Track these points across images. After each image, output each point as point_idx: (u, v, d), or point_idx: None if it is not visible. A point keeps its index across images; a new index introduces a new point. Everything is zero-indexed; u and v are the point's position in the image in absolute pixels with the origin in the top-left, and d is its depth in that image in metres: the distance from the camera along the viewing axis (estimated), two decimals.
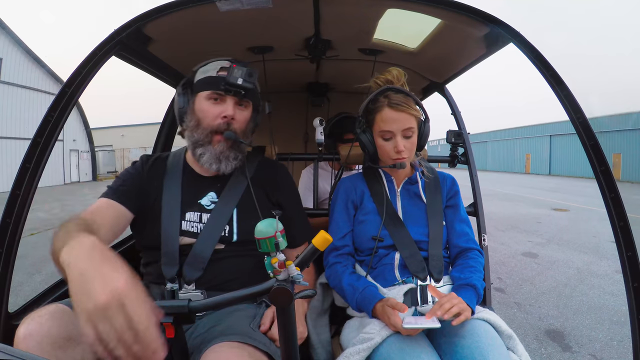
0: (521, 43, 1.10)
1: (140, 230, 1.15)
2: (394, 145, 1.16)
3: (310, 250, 0.73)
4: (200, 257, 1.07)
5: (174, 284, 1.06)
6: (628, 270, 0.99)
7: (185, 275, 1.06)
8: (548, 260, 4.92)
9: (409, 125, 1.16)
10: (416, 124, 1.19)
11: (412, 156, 1.23)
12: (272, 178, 1.25)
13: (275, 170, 1.29)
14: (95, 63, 1.11)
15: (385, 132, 1.18)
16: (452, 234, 1.25)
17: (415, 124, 1.18)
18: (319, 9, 1.27)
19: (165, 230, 1.09)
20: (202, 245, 1.08)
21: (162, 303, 0.78)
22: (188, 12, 1.15)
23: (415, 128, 1.18)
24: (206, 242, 1.09)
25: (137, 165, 1.20)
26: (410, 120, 1.16)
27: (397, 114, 1.15)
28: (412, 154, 1.21)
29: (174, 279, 1.06)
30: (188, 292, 1.06)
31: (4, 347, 0.45)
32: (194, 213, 1.12)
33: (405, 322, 0.94)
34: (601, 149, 1.03)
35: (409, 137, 1.17)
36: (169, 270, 1.06)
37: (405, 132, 1.16)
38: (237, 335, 0.88)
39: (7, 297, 0.99)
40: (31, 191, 1.03)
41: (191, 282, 1.06)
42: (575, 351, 2.60)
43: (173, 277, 1.06)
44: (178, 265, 1.06)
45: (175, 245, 1.08)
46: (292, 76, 2.21)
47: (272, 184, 1.23)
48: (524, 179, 22.96)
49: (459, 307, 0.97)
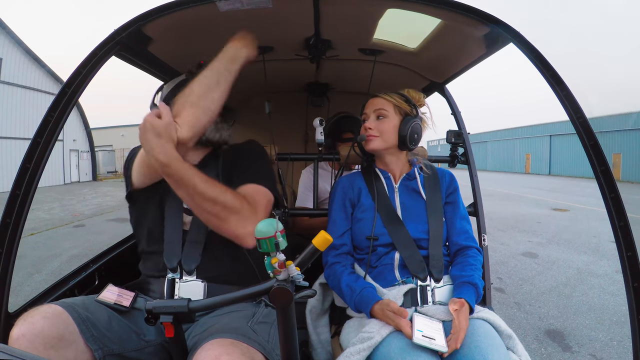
0: (521, 43, 1.10)
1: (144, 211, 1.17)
2: (365, 124, 1.29)
3: (311, 251, 0.73)
4: (195, 243, 1.11)
5: (175, 273, 1.09)
6: (628, 270, 0.99)
7: (185, 265, 1.09)
8: (548, 260, 4.92)
9: (381, 106, 1.27)
10: (394, 112, 1.27)
11: (386, 142, 1.26)
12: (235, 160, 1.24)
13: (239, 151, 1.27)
14: (95, 63, 1.11)
15: (363, 114, 1.32)
16: (451, 231, 1.25)
17: (392, 109, 1.27)
18: (319, 9, 1.27)
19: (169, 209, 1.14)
20: (195, 232, 1.12)
21: (162, 303, 0.78)
22: (188, 12, 1.15)
23: (389, 112, 1.26)
24: (198, 225, 1.12)
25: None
26: (385, 104, 1.27)
27: (375, 99, 1.30)
28: (384, 135, 1.25)
29: (175, 269, 1.09)
30: (188, 282, 1.08)
31: (4, 347, 0.45)
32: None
33: (415, 338, 0.93)
34: (601, 149, 1.03)
35: (380, 118, 1.27)
36: (171, 260, 1.09)
37: (378, 112, 1.27)
38: (231, 333, 0.88)
39: (7, 297, 0.99)
40: (31, 191, 1.03)
41: (192, 272, 1.09)
42: (575, 351, 2.60)
43: (174, 267, 1.09)
44: (180, 255, 1.10)
45: (178, 227, 1.12)
46: (292, 76, 2.21)
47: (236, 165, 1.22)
48: (524, 179, 22.96)
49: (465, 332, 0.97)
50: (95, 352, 0.87)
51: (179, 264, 1.09)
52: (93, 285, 1.41)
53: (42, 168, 1.05)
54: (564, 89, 1.06)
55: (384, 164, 1.32)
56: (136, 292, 1.07)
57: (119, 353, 0.92)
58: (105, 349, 0.89)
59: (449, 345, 0.93)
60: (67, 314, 0.85)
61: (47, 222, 7.93)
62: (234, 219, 0.98)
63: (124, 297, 1.02)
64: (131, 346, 0.95)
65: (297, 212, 1.82)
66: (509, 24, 1.11)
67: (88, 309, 0.92)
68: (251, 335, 0.92)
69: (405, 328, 0.97)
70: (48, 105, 1.06)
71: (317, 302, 1.31)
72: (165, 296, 1.08)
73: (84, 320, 0.87)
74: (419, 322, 1.00)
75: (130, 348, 0.95)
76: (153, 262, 1.13)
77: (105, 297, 0.99)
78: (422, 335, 0.94)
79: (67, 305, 0.88)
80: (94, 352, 0.87)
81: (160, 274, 1.11)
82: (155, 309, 0.78)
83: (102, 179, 23.56)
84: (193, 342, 0.96)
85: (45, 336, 0.79)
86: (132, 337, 0.97)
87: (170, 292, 1.08)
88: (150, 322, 0.79)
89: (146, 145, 0.96)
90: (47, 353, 0.78)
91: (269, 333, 1.00)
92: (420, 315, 1.05)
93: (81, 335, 0.85)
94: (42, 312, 0.83)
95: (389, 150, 1.29)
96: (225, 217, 0.98)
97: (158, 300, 0.81)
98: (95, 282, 1.43)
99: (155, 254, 1.13)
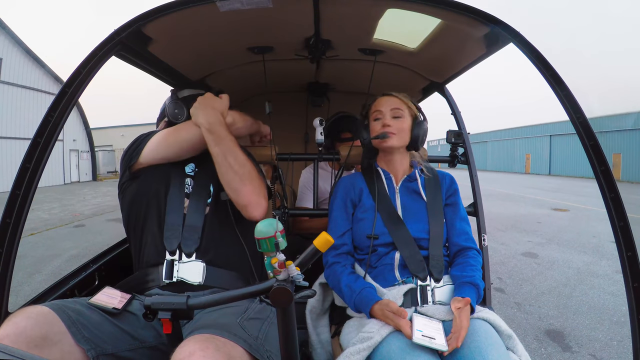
0: (521, 43, 1.10)
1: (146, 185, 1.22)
2: (382, 121, 1.28)
3: (311, 251, 0.73)
4: (194, 227, 1.16)
5: (173, 256, 1.12)
6: (628, 270, 0.99)
7: (185, 248, 1.13)
8: (548, 260, 4.92)
9: (398, 106, 1.28)
10: (408, 113, 1.29)
11: (401, 140, 1.27)
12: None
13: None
14: (95, 63, 1.11)
15: (376, 112, 1.31)
16: (452, 232, 1.25)
17: (406, 110, 1.29)
18: (319, 9, 1.27)
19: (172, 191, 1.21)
20: (194, 216, 1.19)
21: (161, 299, 0.78)
22: (188, 12, 1.15)
23: (404, 112, 1.28)
24: (196, 210, 1.19)
25: None
26: (400, 103, 1.28)
27: (388, 97, 1.31)
28: (400, 134, 1.27)
29: (174, 252, 1.12)
30: (187, 262, 1.12)
31: (4, 347, 0.45)
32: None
33: (415, 338, 0.93)
34: (601, 149, 1.03)
35: (397, 117, 1.27)
36: (171, 242, 1.13)
37: (394, 111, 1.28)
38: (213, 329, 0.89)
39: (7, 297, 0.99)
40: (31, 191, 1.03)
41: (190, 255, 1.13)
42: (575, 351, 2.60)
43: (174, 250, 1.13)
44: (180, 238, 1.14)
45: (180, 210, 1.18)
46: (292, 76, 2.21)
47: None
48: (524, 179, 22.96)
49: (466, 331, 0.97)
50: (88, 351, 0.88)
51: (179, 247, 1.13)
52: (93, 285, 1.41)
53: (42, 168, 1.05)
54: (564, 88, 1.06)
55: (388, 164, 1.32)
56: (132, 295, 1.07)
57: (112, 353, 0.93)
58: (98, 349, 0.90)
59: (449, 344, 0.93)
60: (53, 315, 0.87)
61: (47, 222, 7.93)
62: (250, 185, 1.16)
63: (118, 299, 1.03)
64: (125, 346, 0.96)
65: (297, 212, 1.82)
66: (509, 24, 1.11)
67: (79, 311, 0.93)
68: (236, 331, 0.92)
69: (405, 328, 0.97)
70: (48, 105, 1.06)
71: (317, 302, 1.31)
72: (164, 277, 1.10)
73: (74, 322, 0.89)
74: (419, 322, 1.00)
75: (123, 348, 0.96)
76: (151, 247, 1.15)
77: (97, 300, 1.00)
78: (422, 335, 0.94)
79: (57, 307, 0.90)
80: (87, 351, 0.88)
81: (158, 261, 1.12)
82: (154, 305, 0.77)
83: (102, 179, 23.56)
84: (186, 338, 0.96)
85: (28, 336, 0.80)
86: (126, 338, 0.98)
87: (169, 274, 1.10)
88: (149, 318, 0.79)
89: (203, 111, 1.19)
90: (31, 352, 0.78)
91: (259, 329, 1.00)
92: (419, 316, 1.05)
93: (71, 336, 0.87)
94: (27, 312, 0.84)
95: (399, 150, 1.30)
96: (245, 181, 1.15)
97: (157, 296, 0.81)
98: (95, 283, 1.43)
99: (153, 236, 1.16)
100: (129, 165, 1.22)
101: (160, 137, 1.23)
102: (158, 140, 1.22)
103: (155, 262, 1.13)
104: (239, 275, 1.18)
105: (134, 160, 1.21)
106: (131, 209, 1.22)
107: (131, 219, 1.22)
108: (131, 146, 1.25)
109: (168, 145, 1.22)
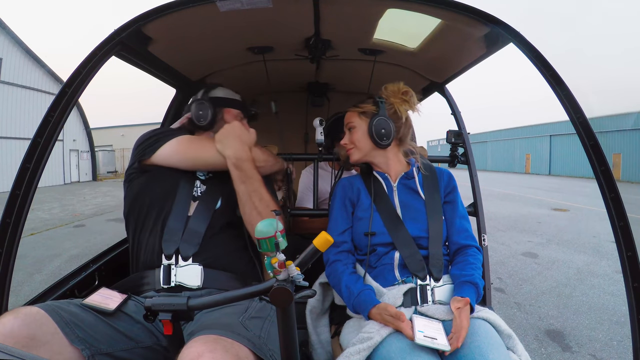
0: (521, 43, 1.10)
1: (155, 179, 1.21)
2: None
3: (311, 251, 0.73)
4: (196, 232, 1.15)
5: (170, 260, 1.11)
6: (628, 270, 0.99)
7: (182, 252, 1.12)
8: (548, 260, 4.92)
9: (349, 120, 1.32)
10: (361, 119, 1.28)
11: (362, 149, 1.28)
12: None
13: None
14: (95, 63, 1.11)
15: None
16: (451, 230, 1.25)
17: (357, 118, 1.29)
18: (319, 9, 1.27)
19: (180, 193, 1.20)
20: (198, 221, 1.17)
21: (161, 300, 0.78)
22: (188, 12, 1.15)
23: (356, 121, 1.29)
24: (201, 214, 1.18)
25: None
26: (350, 116, 1.31)
27: (345, 115, 1.34)
28: (358, 144, 1.28)
29: (170, 256, 1.12)
30: (184, 266, 1.11)
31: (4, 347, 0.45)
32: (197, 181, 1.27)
33: (417, 339, 0.94)
34: (601, 149, 1.03)
35: (351, 130, 1.31)
36: (169, 247, 1.12)
37: (348, 126, 1.33)
38: (218, 329, 0.88)
39: (7, 297, 0.99)
40: (31, 191, 1.03)
41: (187, 258, 1.12)
42: (575, 351, 2.60)
43: (170, 254, 1.12)
44: (179, 243, 1.13)
45: (184, 214, 1.17)
46: (292, 76, 2.21)
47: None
48: (524, 179, 22.95)
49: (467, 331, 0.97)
50: (83, 351, 0.88)
51: (176, 251, 1.12)
52: (93, 285, 1.41)
53: (42, 168, 1.05)
54: (564, 88, 1.06)
55: (378, 167, 1.32)
56: (128, 295, 1.07)
57: (108, 352, 0.93)
58: (93, 349, 0.90)
59: (450, 344, 0.93)
60: (43, 315, 0.86)
61: (47, 222, 7.93)
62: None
63: (112, 299, 1.03)
64: (120, 346, 0.96)
65: (297, 212, 1.82)
66: (509, 24, 1.11)
67: (72, 311, 0.93)
68: (240, 330, 0.92)
69: (406, 330, 0.97)
70: (48, 105, 1.06)
71: (317, 302, 1.31)
72: (162, 282, 1.09)
73: (67, 323, 0.89)
74: (419, 322, 1.00)
75: (119, 348, 0.96)
76: (148, 247, 1.15)
77: (91, 301, 0.99)
78: (424, 335, 0.94)
79: (49, 308, 0.89)
80: (82, 351, 0.88)
81: (155, 263, 1.12)
82: (155, 306, 0.77)
83: (102, 179, 23.55)
84: (187, 339, 0.96)
85: (16, 336, 0.79)
86: (121, 338, 0.98)
87: (167, 279, 1.10)
88: (149, 319, 0.78)
89: (232, 142, 1.19)
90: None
91: (261, 328, 1.00)
92: (419, 316, 1.05)
93: (65, 336, 0.87)
94: (15, 313, 0.84)
95: (371, 154, 1.29)
96: (263, 213, 1.14)
97: (157, 297, 0.81)
98: (95, 282, 1.43)
99: (152, 235, 1.15)
100: (140, 159, 1.21)
101: (178, 146, 1.21)
102: (176, 149, 1.21)
103: (152, 265, 1.13)
104: (237, 276, 1.18)
105: (146, 157, 1.20)
106: (135, 202, 1.22)
107: (133, 211, 1.22)
108: (147, 139, 1.23)
109: (184, 158, 1.21)
